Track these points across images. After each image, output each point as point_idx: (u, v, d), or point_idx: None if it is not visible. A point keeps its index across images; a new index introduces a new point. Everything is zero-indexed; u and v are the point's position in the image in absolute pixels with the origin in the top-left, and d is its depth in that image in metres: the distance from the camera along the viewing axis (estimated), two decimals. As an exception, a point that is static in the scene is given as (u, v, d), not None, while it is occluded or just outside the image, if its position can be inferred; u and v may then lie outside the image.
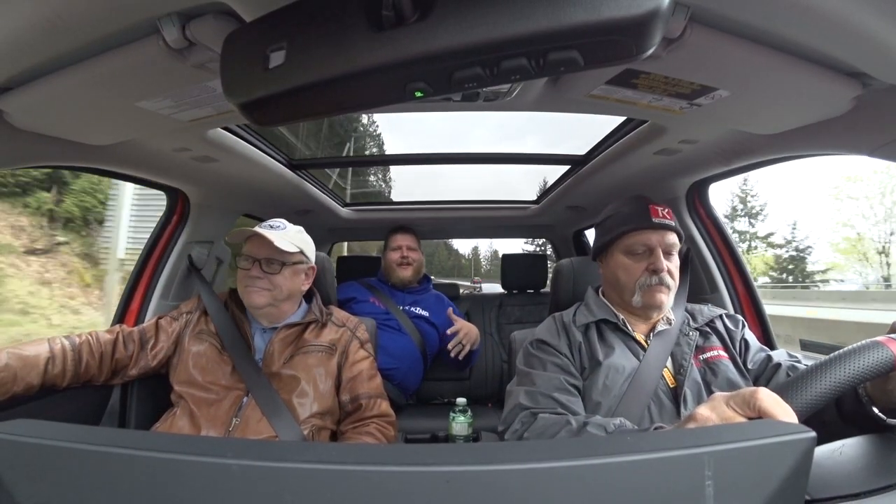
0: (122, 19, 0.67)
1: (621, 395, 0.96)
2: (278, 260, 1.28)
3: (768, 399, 0.57)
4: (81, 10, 0.64)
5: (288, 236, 1.29)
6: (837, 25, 0.63)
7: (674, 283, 1.05)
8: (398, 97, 0.56)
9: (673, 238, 1.07)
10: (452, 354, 1.90)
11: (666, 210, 1.08)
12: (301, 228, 1.39)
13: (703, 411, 0.60)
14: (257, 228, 1.26)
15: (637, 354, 1.02)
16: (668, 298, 1.04)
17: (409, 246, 2.28)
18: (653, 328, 1.07)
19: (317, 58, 0.52)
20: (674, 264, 1.06)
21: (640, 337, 1.05)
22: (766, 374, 0.99)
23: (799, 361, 0.99)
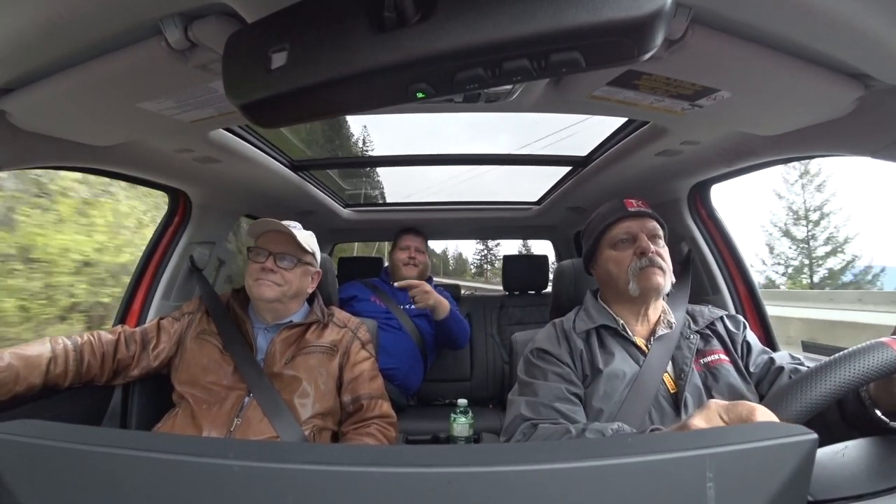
0: (125, 20, 0.67)
1: (621, 401, 0.95)
2: (294, 256, 1.30)
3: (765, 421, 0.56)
4: (84, 12, 0.64)
5: (303, 236, 1.32)
6: (840, 26, 0.63)
7: (666, 265, 1.05)
8: (400, 98, 0.55)
9: (653, 224, 1.09)
10: (397, 284, 1.91)
11: (640, 201, 1.12)
12: (312, 234, 1.41)
13: (698, 423, 0.60)
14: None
15: (637, 360, 1.02)
16: (663, 281, 1.03)
17: (417, 248, 2.30)
18: (653, 332, 1.06)
19: (319, 59, 0.52)
20: (662, 249, 1.07)
21: (640, 342, 1.05)
22: (768, 378, 0.98)
23: (802, 364, 0.98)
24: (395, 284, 1.90)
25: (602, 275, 1.13)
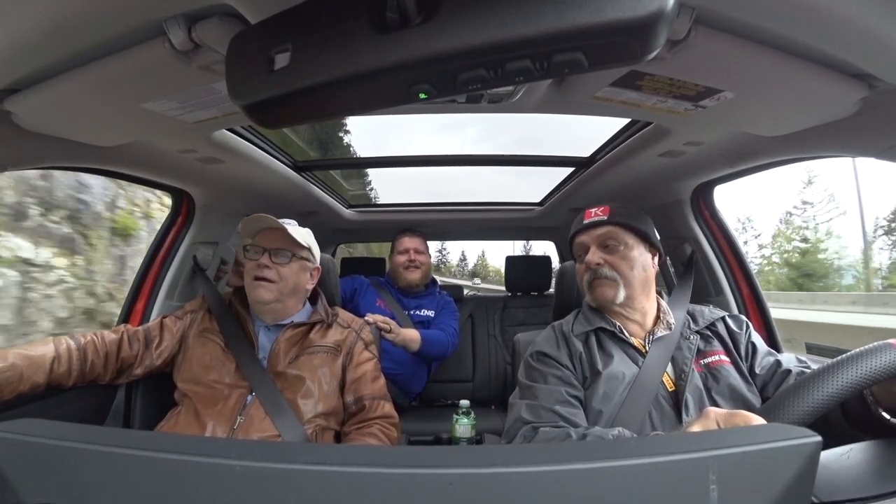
0: (129, 21, 0.68)
1: (621, 402, 0.95)
2: (288, 251, 1.30)
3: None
4: (88, 13, 0.64)
5: (298, 232, 1.32)
6: (843, 26, 0.63)
7: (615, 272, 1.05)
8: (402, 99, 0.55)
9: (603, 230, 1.09)
10: (370, 319, 1.73)
11: (601, 208, 1.11)
12: (309, 231, 1.41)
13: (696, 431, 0.60)
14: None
15: (636, 361, 1.02)
16: (612, 291, 1.04)
17: (416, 249, 2.26)
18: (652, 333, 1.06)
19: (321, 60, 0.53)
20: (614, 255, 1.07)
21: (637, 343, 1.05)
22: (774, 381, 0.98)
23: (808, 367, 0.97)
24: (367, 318, 1.66)
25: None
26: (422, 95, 0.54)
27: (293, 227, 1.32)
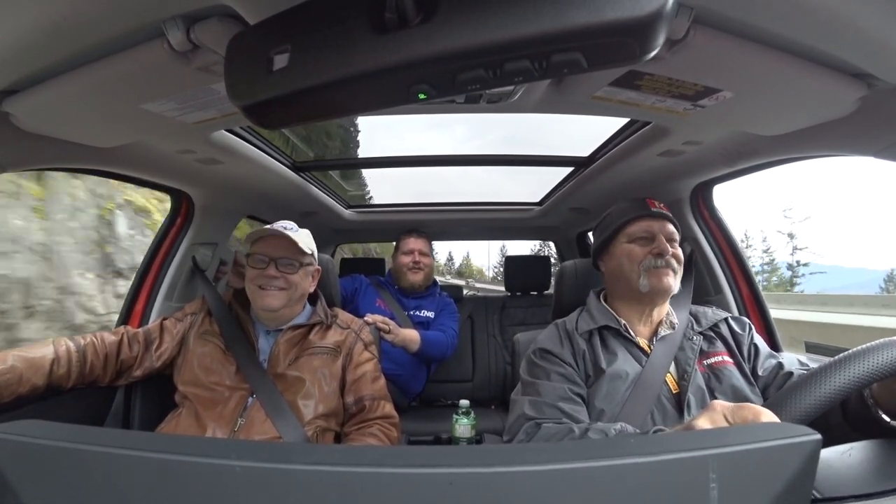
0: (127, 22, 0.68)
1: (623, 401, 0.95)
2: (295, 260, 1.29)
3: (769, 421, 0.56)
4: (87, 14, 0.64)
5: (301, 238, 1.31)
6: (842, 26, 0.63)
7: (679, 268, 1.06)
8: (402, 99, 0.55)
9: (672, 228, 1.10)
10: (369, 319, 1.76)
11: (661, 204, 1.13)
12: (308, 232, 1.39)
13: (702, 424, 0.59)
14: (275, 226, 1.28)
15: (640, 360, 1.01)
16: (674, 283, 1.04)
17: (421, 251, 2.25)
18: (655, 333, 1.06)
19: (320, 60, 0.53)
20: (678, 251, 1.07)
21: (642, 342, 1.05)
22: (776, 382, 0.98)
23: (809, 369, 0.98)
24: (366, 319, 1.71)
25: (613, 268, 1.12)
26: (421, 96, 0.54)
27: (296, 234, 1.30)
